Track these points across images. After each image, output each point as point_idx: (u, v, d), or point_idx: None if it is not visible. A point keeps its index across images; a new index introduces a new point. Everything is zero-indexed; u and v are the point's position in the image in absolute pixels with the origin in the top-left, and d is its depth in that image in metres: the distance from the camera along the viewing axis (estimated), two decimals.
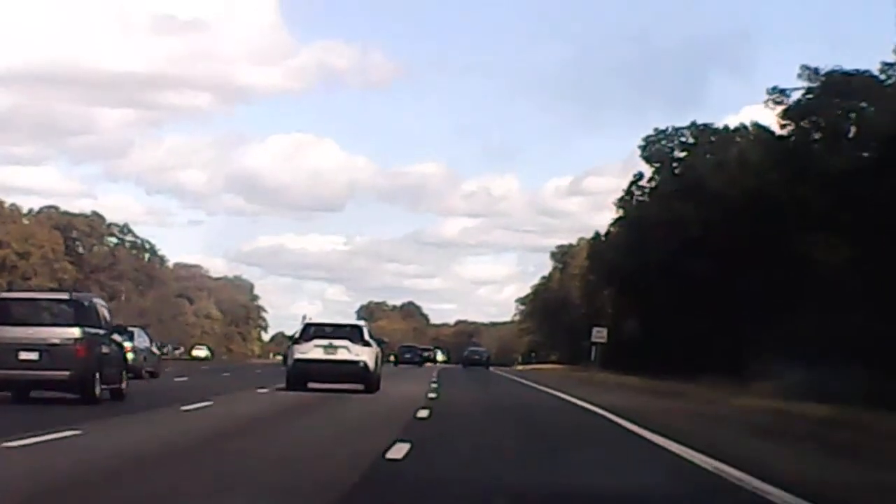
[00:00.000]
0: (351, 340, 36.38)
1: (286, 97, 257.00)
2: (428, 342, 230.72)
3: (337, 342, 36.19)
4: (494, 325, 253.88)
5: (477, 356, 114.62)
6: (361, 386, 36.44)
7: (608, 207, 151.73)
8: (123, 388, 29.65)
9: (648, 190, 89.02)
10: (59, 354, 26.61)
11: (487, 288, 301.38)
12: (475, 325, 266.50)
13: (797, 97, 67.22)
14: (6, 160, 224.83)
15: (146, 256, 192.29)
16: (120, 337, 31.03)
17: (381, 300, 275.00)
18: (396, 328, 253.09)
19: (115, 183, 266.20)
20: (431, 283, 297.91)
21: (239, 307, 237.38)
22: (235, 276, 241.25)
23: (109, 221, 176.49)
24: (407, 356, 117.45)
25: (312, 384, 36.68)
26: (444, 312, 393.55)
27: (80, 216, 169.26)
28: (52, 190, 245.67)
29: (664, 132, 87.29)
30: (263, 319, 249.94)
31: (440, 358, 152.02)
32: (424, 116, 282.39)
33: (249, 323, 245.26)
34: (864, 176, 56.28)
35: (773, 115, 68.48)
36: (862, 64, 67.05)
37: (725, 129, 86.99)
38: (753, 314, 64.77)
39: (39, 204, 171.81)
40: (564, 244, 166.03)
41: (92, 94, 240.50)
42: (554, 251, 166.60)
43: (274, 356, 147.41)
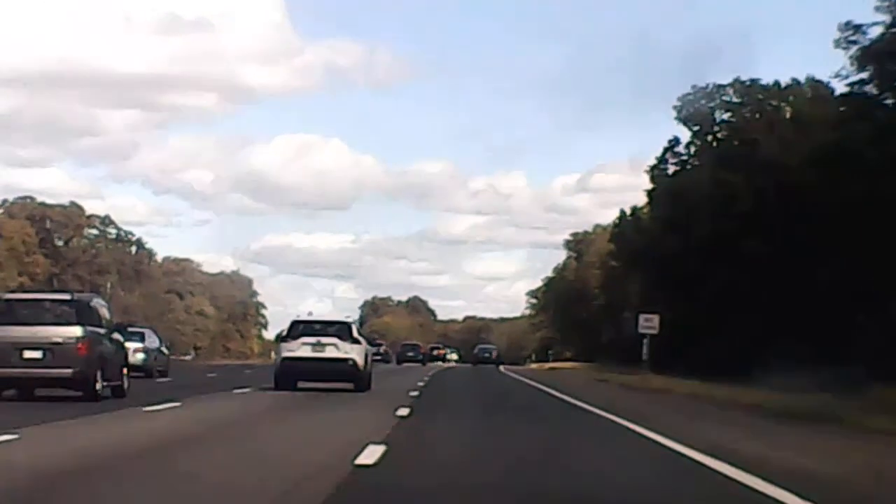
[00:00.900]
0: (339, 338, 35.62)
1: (292, 97, 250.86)
2: (435, 339, 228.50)
3: (325, 340, 35.47)
4: (504, 320, 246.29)
5: (487, 354, 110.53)
6: (351, 385, 35.62)
7: (616, 204, 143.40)
8: (125, 385, 30.35)
9: (686, 157, 74.72)
10: (61, 353, 27.27)
11: (496, 285, 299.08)
12: (484, 320, 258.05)
13: (876, 34, 52.97)
14: (12, 162, 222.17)
15: (133, 250, 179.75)
16: (122, 336, 31.89)
17: (385, 295, 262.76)
18: (402, 324, 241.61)
19: (121, 184, 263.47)
20: (439, 280, 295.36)
21: (237, 304, 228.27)
22: (233, 271, 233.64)
23: (90, 213, 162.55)
24: (409, 354, 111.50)
25: (302, 384, 35.84)
26: (452, 309, 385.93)
27: (56, 207, 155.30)
28: (58, 192, 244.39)
29: (704, 89, 72.98)
30: (263, 317, 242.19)
31: (451, 357, 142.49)
32: (431, 115, 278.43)
33: (248, 320, 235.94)
34: None
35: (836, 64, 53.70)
36: None
37: (776, 85, 72.70)
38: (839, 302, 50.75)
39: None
40: (579, 231, 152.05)
41: (97, 95, 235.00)
42: (568, 239, 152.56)
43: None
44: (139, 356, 47.39)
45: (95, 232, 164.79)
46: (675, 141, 74.81)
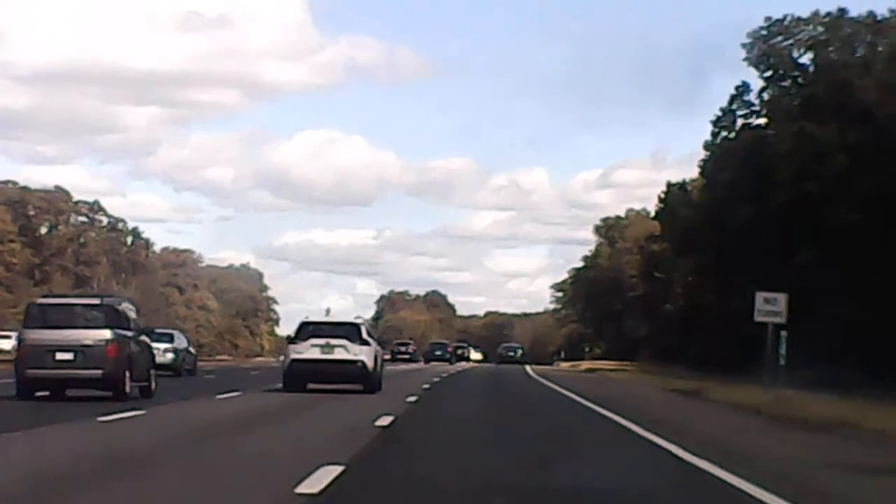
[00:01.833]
0: (349, 339, 35.02)
1: (313, 93, 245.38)
2: (454, 335, 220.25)
3: (334, 341, 34.87)
4: (527, 315, 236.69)
5: (512, 353, 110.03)
6: (360, 386, 34.80)
7: (638, 199, 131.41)
8: (152, 385, 31.08)
9: (758, 108, 59.41)
10: (91, 355, 28.25)
11: (518, 281, 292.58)
12: (506, 315, 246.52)
13: None
14: (33, 159, 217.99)
15: (129, 240, 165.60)
16: (149, 338, 32.69)
17: (403, 289, 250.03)
18: (419, 320, 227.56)
19: (142, 181, 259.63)
20: (461, 276, 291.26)
21: (245, 298, 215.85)
22: (243, 264, 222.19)
23: (77, 199, 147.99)
24: (437, 353, 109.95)
25: (309, 386, 35.00)
26: (473, 306, 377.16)
27: (37, 191, 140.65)
28: (79, 189, 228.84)
29: (780, 23, 57.61)
30: (275, 312, 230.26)
31: (475, 357, 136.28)
32: (452, 111, 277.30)
33: (259, 316, 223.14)
34: None
35: None
36: None
37: (870, 15, 57.43)
38: None
39: None
40: (610, 216, 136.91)
41: (118, 92, 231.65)
42: (598, 225, 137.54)
43: None
44: (168, 356, 49.49)
45: (84, 219, 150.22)
46: (743, 87, 59.47)
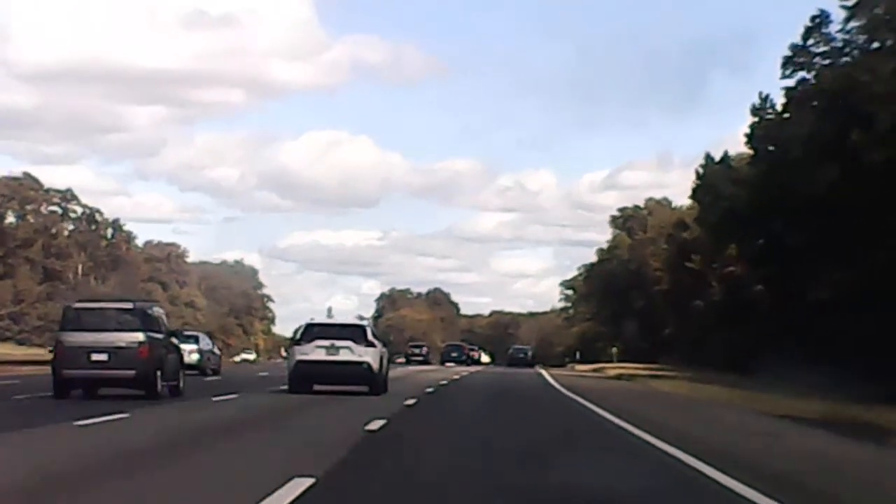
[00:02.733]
0: (354, 341, 34.42)
1: (319, 93, 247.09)
2: (458, 335, 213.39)
3: (339, 343, 34.41)
4: (533, 314, 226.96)
5: (522, 355, 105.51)
6: (366, 388, 34.14)
7: (644, 200, 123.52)
8: (180, 385, 32.02)
9: (842, 45, 46.06)
10: (125, 356, 29.46)
11: (523, 282, 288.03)
12: (511, 315, 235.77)
13: None
14: (38, 159, 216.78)
15: (109, 232, 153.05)
16: (178, 340, 33.86)
17: (404, 287, 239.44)
18: (421, 319, 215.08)
19: (147, 181, 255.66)
20: (467, 277, 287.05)
21: (238, 296, 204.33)
22: (236, 261, 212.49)
23: (48, 186, 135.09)
24: (453, 355, 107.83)
25: (315, 388, 34.41)
26: (478, 305, 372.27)
27: (2, 178, 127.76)
28: (84, 188, 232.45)
29: None
30: (270, 310, 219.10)
31: (485, 359, 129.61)
32: (459, 112, 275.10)
33: (253, 314, 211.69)
34: None
35: None
36: None
37: None
38: None
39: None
40: (628, 206, 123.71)
41: (123, 91, 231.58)
42: (615, 215, 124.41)
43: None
44: (194, 357, 51.18)
45: (56, 209, 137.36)
46: (822, 17, 46.07)
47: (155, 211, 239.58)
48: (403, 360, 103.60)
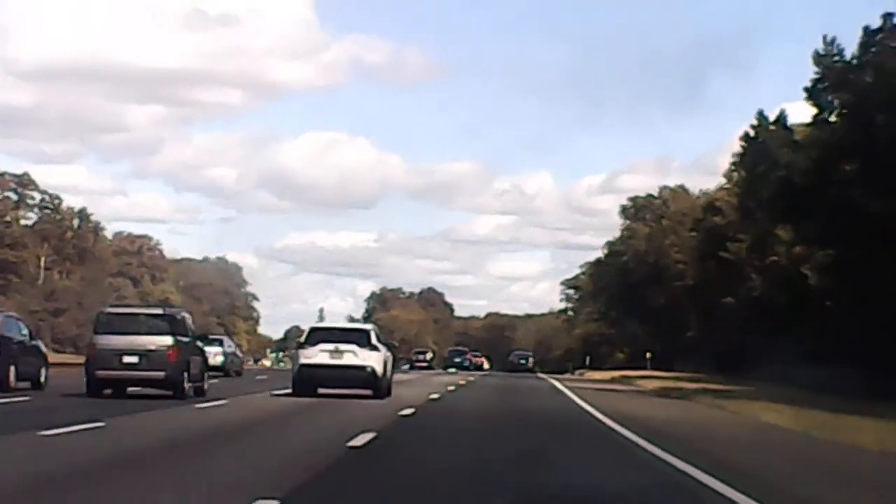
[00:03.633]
0: (358, 345, 34.61)
1: (318, 94, 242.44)
2: (453, 337, 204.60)
3: (343, 346, 34.60)
4: (531, 316, 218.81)
5: (523, 361, 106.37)
6: (370, 392, 34.21)
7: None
8: (205, 386, 33.87)
9: None
10: (155, 358, 31.06)
11: (520, 285, 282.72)
12: (507, 317, 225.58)
13: None
14: (36, 158, 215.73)
15: (75, 223, 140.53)
16: (203, 344, 35.72)
17: (396, 286, 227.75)
18: (413, 319, 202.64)
19: (144, 181, 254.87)
20: (463, 279, 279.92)
21: (220, 294, 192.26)
22: (219, 257, 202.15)
23: (2, 171, 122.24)
24: (456, 360, 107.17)
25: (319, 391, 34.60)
26: (474, 308, 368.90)
27: None
28: (81, 188, 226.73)
29: None
30: (255, 310, 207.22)
31: (485, 366, 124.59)
32: (457, 114, 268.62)
33: (236, 314, 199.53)
34: None
35: None
36: None
37: None
38: None
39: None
40: (640, 195, 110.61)
41: (121, 90, 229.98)
42: (625, 205, 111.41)
43: (280, 357, 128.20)
44: (219, 359, 54.79)
45: (11, 195, 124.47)
46: None
47: (152, 211, 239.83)
48: (407, 366, 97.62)
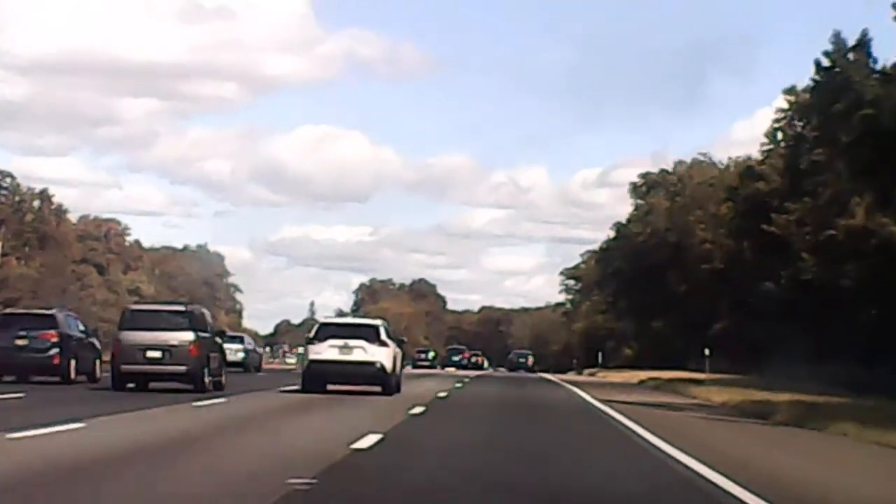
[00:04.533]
0: (367, 340, 34.61)
1: (313, 87, 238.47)
2: (445, 331, 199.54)
3: (352, 342, 34.62)
4: (527, 310, 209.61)
5: (523, 359, 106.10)
6: (379, 388, 34.30)
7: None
8: (223, 380, 34.85)
9: None
10: (177, 353, 32.39)
11: (514, 279, 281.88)
12: (502, 311, 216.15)
13: None
14: (29, 151, 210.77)
15: (35, 205, 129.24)
16: (222, 340, 36.67)
17: (386, 277, 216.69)
18: (403, 312, 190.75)
19: (139, 174, 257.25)
20: (457, 273, 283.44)
21: (199, 284, 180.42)
22: (200, 245, 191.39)
23: None
24: (454, 359, 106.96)
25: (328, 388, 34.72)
26: (469, 303, 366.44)
27: None
28: (75, 181, 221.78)
29: None
30: (238, 302, 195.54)
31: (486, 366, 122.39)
32: (452, 108, 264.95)
33: (217, 305, 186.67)
34: None
35: None
36: None
37: None
38: None
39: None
40: (652, 171, 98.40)
41: (116, 83, 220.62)
42: (635, 182, 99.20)
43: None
44: (240, 355, 56.18)
45: None
46: None
47: (146, 204, 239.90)
48: (410, 365, 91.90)
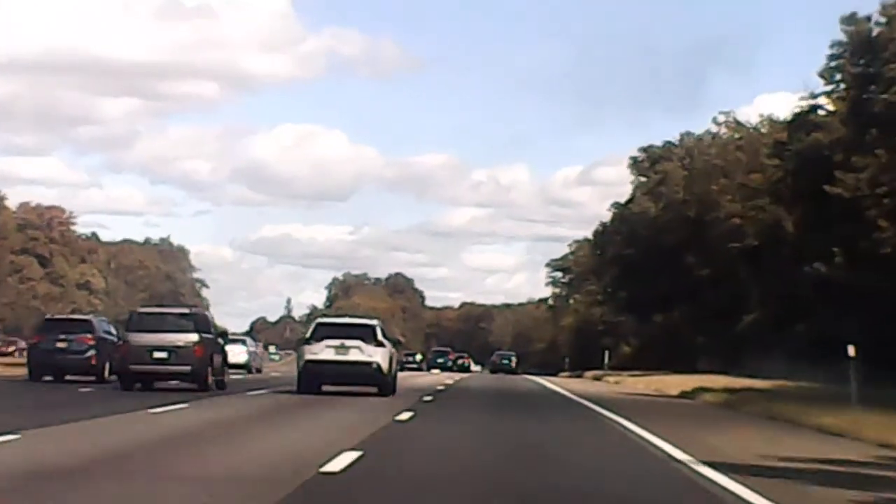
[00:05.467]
0: (363, 340, 34.08)
1: (294, 86, 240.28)
2: (424, 328, 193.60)
3: (349, 342, 34.04)
4: (509, 306, 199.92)
5: (506, 361, 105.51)
6: (375, 389, 33.96)
7: (617, 196, 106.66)
8: (225, 380, 36.47)
9: None
10: (182, 354, 33.68)
11: (495, 277, 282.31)
12: (483, 307, 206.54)
13: None
14: (9, 150, 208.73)
15: None
16: (224, 341, 38.32)
17: (361, 272, 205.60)
18: (377, 307, 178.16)
19: (119, 174, 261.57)
20: (438, 271, 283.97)
21: (160, 280, 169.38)
22: (163, 238, 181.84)
23: None
24: (439, 361, 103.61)
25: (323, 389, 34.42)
26: (450, 301, 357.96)
27: None
28: (55, 180, 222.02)
29: None
30: (204, 299, 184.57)
31: (474, 368, 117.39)
32: (433, 107, 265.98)
33: (181, 301, 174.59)
34: None
35: None
36: None
37: None
38: None
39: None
40: (655, 144, 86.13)
41: (96, 83, 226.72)
42: (636, 157, 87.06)
43: None
44: (243, 357, 58.24)
45: None
46: None
47: (126, 204, 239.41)
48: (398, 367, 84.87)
